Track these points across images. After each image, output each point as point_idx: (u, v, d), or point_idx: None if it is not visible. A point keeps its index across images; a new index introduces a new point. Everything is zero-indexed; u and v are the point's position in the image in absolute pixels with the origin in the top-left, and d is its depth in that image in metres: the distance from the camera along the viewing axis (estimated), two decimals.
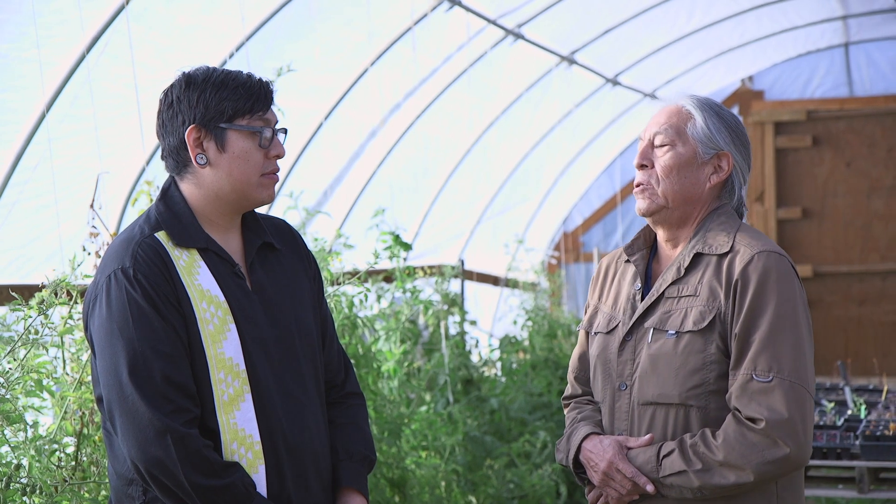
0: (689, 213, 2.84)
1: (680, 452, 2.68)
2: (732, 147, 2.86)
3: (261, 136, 2.64)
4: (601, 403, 2.88)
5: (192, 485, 2.47)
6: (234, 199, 2.66)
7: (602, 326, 2.92)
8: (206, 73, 2.63)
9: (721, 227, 2.80)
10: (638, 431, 2.77)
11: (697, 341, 2.71)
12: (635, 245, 2.95)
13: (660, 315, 2.78)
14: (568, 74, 8.87)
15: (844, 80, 10.71)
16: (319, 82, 6.67)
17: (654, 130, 2.85)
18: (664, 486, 2.70)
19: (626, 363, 2.82)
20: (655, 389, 2.74)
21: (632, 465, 2.75)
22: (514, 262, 9.60)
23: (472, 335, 7.92)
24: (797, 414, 2.63)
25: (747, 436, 2.63)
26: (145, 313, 2.50)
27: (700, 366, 2.70)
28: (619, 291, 2.92)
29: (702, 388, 2.71)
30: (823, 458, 4.87)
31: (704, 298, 2.73)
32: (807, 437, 2.65)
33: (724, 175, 2.84)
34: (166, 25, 5.45)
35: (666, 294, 2.79)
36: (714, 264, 2.75)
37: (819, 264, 10.53)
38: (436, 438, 5.86)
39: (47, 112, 4.83)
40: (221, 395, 2.54)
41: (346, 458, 2.77)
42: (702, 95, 2.92)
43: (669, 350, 2.73)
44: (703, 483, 2.65)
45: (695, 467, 2.66)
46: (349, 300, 5.02)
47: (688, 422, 2.72)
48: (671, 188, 2.81)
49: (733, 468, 2.63)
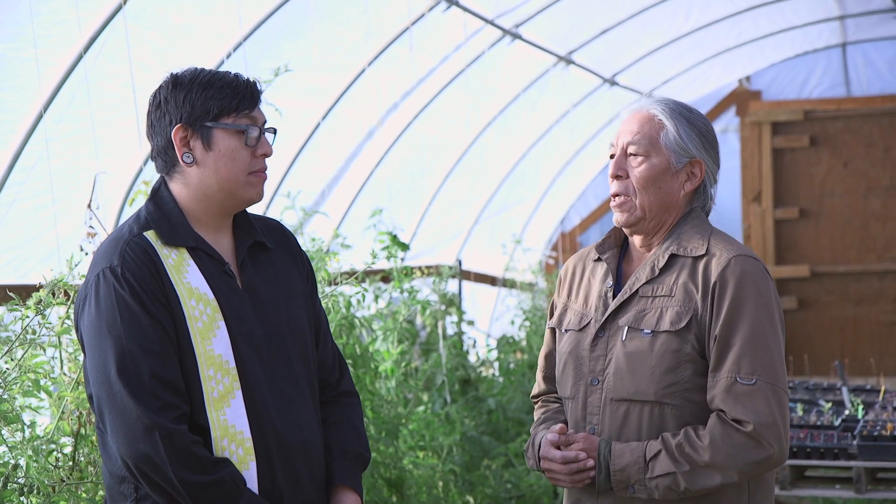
0: (664, 220, 2.89)
1: (667, 454, 2.71)
2: (703, 152, 2.88)
3: (247, 135, 2.65)
4: (571, 399, 2.91)
5: (181, 481, 2.48)
6: (222, 198, 2.67)
7: (573, 324, 2.95)
8: (193, 73, 2.66)
9: (695, 231, 2.85)
10: (610, 426, 2.81)
11: (673, 341, 2.76)
12: (606, 244, 2.98)
13: (634, 313, 2.82)
14: (565, 74, 8.88)
15: (842, 80, 10.72)
16: (317, 82, 6.67)
17: (627, 140, 2.86)
18: (649, 488, 2.74)
19: (598, 359, 2.85)
20: (631, 387, 2.79)
21: (553, 450, 2.81)
22: (512, 262, 9.60)
23: (470, 335, 7.93)
24: (780, 416, 2.70)
25: (734, 437, 2.69)
26: (133, 311, 2.52)
27: (675, 365, 2.75)
28: (590, 290, 2.96)
29: (677, 387, 2.75)
30: (821, 459, 4.88)
31: (680, 299, 2.78)
32: (786, 437, 2.74)
33: (697, 182, 2.88)
34: (164, 25, 5.45)
35: (640, 293, 2.84)
36: (689, 266, 2.81)
37: (816, 264, 10.54)
38: (433, 438, 5.86)
39: (45, 112, 4.83)
40: (211, 391, 2.55)
41: (340, 456, 2.78)
42: (671, 99, 2.92)
43: (645, 348, 2.78)
44: (690, 485, 2.70)
45: (682, 469, 2.70)
46: (346, 300, 5.02)
47: (663, 419, 2.77)
48: (648, 200, 2.85)
49: (719, 469, 2.69)
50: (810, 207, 10.62)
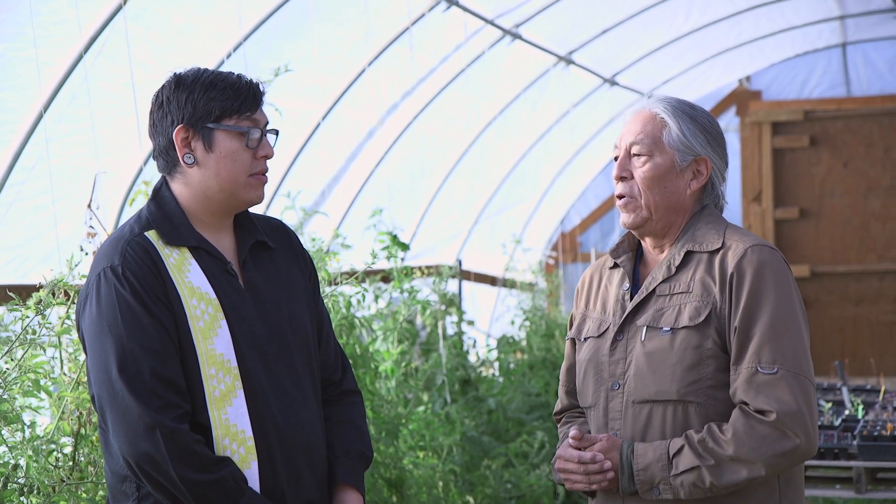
0: (673, 220, 2.84)
1: (690, 448, 2.64)
2: (709, 149, 2.83)
3: (248, 137, 2.65)
4: (593, 407, 2.84)
5: (183, 479, 2.48)
6: (223, 199, 2.67)
7: (592, 331, 2.90)
8: (196, 73, 2.66)
9: (709, 226, 2.80)
10: (633, 429, 2.75)
11: (694, 337, 2.70)
12: (620, 248, 2.94)
13: (652, 313, 2.77)
14: (565, 74, 8.88)
15: (842, 81, 10.72)
16: (317, 82, 6.67)
17: (631, 140, 2.82)
18: (674, 487, 2.66)
19: (618, 363, 2.80)
20: (653, 387, 2.72)
21: (570, 449, 2.75)
22: (512, 262, 9.60)
23: (470, 335, 7.93)
24: (805, 405, 2.62)
25: (757, 429, 2.61)
26: (134, 310, 2.52)
27: (697, 361, 2.69)
28: (608, 296, 2.91)
29: (700, 384, 2.69)
30: (821, 458, 4.87)
31: (698, 294, 2.72)
32: (814, 427, 2.64)
33: (703, 180, 2.83)
34: (164, 25, 5.45)
35: (657, 292, 2.79)
36: (706, 261, 2.76)
37: (816, 264, 10.54)
38: (433, 438, 5.86)
39: (45, 112, 4.83)
40: (213, 391, 2.56)
41: (342, 455, 2.77)
42: (673, 98, 2.88)
43: (665, 347, 2.72)
44: (716, 480, 2.62)
45: (707, 463, 2.62)
46: (347, 300, 5.02)
47: (687, 418, 2.70)
48: (653, 200, 2.80)
49: (744, 462, 2.61)
50: (810, 207, 10.62)
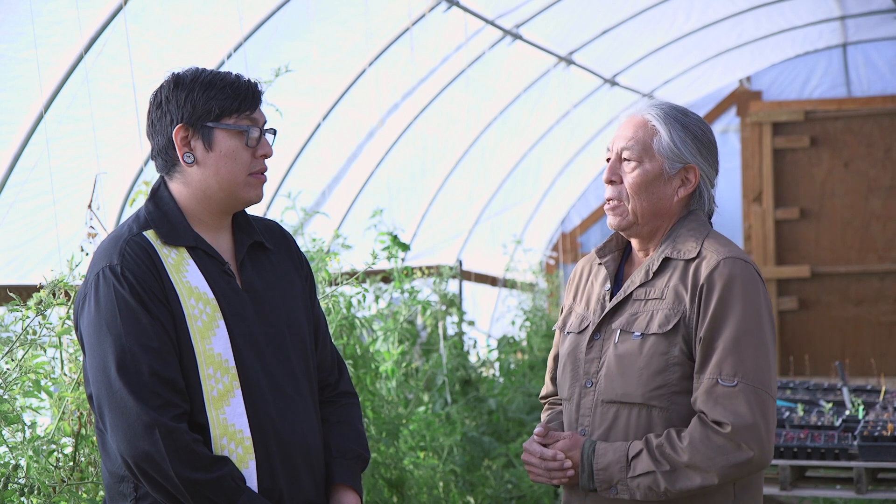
0: (658, 225, 2.89)
1: (648, 453, 2.73)
2: (699, 156, 2.87)
3: (247, 136, 2.66)
4: (567, 400, 2.94)
5: (181, 479, 2.48)
6: (222, 198, 2.68)
7: (574, 326, 2.98)
8: (194, 73, 2.67)
9: (690, 234, 2.85)
10: (599, 428, 2.83)
11: (661, 343, 2.77)
12: (607, 247, 3.01)
13: (627, 316, 2.84)
14: (566, 75, 8.87)
15: (842, 81, 10.72)
16: (317, 83, 6.67)
17: (622, 145, 2.87)
18: (631, 488, 2.75)
19: (592, 361, 2.87)
20: (619, 389, 2.80)
21: (534, 444, 2.86)
22: (513, 262, 9.60)
23: (470, 335, 7.93)
24: (761, 419, 2.69)
25: (713, 439, 2.69)
26: (133, 310, 2.53)
27: (663, 367, 2.76)
28: (591, 292, 2.99)
29: (664, 390, 2.76)
30: (821, 459, 4.87)
31: (670, 302, 2.79)
32: (770, 440, 2.72)
33: (691, 188, 2.88)
34: (164, 26, 5.44)
35: (634, 296, 2.86)
36: (681, 269, 2.81)
37: (817, 264, 10.54)
38: (434, 439, 5.86)
39: (45, 112, 4.83)
40: (210, 390, 2.56)
41: (339, 455, 2.79)
42: (667, 104, 2.92)
43: (634, 351, 2.79)
44: (670, 485, 2.71)
45: (662, 468, 2.71)
46: (347, 300, 5.02)
47: (650, 421, 2.78)
48: (640, 205, 2.85)
49: (698, 470, 2.69)
50: (811, 208, 10.62)
